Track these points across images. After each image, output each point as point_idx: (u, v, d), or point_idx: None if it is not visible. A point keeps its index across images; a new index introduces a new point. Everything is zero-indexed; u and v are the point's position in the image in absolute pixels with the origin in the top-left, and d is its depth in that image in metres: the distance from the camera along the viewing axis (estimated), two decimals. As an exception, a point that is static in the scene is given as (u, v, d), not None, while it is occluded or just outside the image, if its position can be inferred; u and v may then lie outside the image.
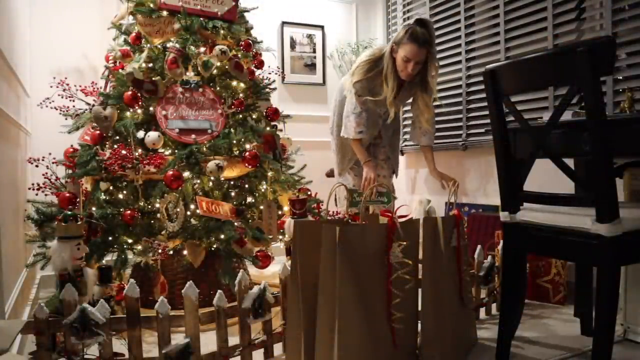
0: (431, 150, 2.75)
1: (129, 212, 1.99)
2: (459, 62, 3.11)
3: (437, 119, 2.96)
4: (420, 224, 1.60)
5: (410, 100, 2.75)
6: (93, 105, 2.16)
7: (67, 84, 2.25)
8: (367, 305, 1.40)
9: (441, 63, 3.14)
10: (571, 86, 1.37)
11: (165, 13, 2.31)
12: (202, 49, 2.30)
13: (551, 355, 1.70)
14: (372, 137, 2.77)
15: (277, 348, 1.73)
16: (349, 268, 1.37)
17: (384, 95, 2.48)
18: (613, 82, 2.22)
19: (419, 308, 1.60)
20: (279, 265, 1.84)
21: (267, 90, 2.56)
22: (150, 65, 2.24)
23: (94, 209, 2.00)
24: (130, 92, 2.12)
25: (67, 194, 1.95)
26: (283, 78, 3.49)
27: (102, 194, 2.05)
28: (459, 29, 3.12)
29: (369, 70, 2.52)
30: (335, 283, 1.36)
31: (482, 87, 2.80)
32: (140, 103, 2.16)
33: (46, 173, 2.09)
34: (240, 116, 2.36)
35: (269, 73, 2.72)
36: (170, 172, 2.00)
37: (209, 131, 2.22)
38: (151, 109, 2.20)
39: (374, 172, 2.59)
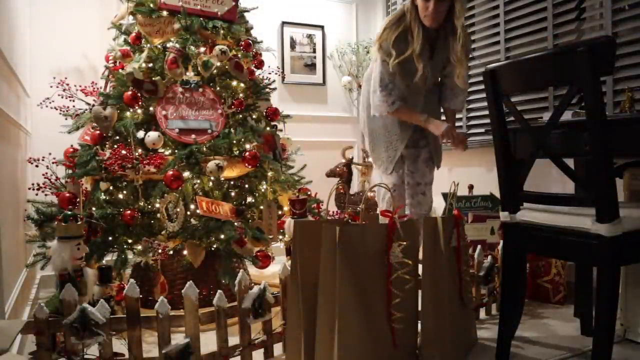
0: (454, 114, 2.39)
1: (129, 212, 1.99)
2: (459, 62, 3.11)
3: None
4: (421, 224, 1.60)
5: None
6: (93, 105, 2.16)
7: (67, 84, 2.25)
8: (367, 305, 1.40)
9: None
10: (571, 86, 1.37)
11: (165, 13, 2.30)
12: (202, 49, 2.30)
13: (551, 355, 1.70)
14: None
15: (277, 348, 1.73)
16: (349, 268, 1.37)
17: (411, 50, 2.08)
18: (613, 82, 2.22)
19: (419, 308, 1.60)
20: (279, 265, 1.84)
21: (267, 90, 2.56)
22: (150, 65, 2.24)
23: (94, 209, 2.00)
24: (130, 92, 2.12)
25: (67, 194, 1.95)
26: (283, 78, 3.49)
27: (102, 194, 2.05)
28: (459, 29, 3.11)
29: (395, 25, 2.11)
30: (335, 283, 1.36)
31: (482, 87, 2.80)
32: (140, 103, 2.16)
33: (46, 173, 2.09)
34: (240, 116, 2.35)
35: (269, 73, 2.72)
36: (170, 172, 2.00)
37: (209, 131, 2.22)
38: (151, 109, 2.20)
39: (443, 124, 2.17)
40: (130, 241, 2.05)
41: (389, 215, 1.48)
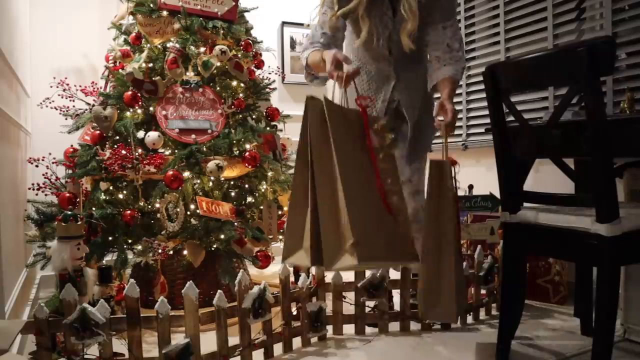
0: (450, 82, 1.73)
1: (129, 212, 1.99)
2: (459, 62, 3.11)
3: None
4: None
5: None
6: (93, 105, 2.16)
7: (67, 84, 2.25)
8: (362, 178, 1.35)
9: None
10: (571, 86, 1.37)
11: (165, 13, 2.31)
12: (202, 49, 2.30)
13: (551, 355, 1.70)
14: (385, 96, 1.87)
15: (277, 348, 1.73)
16: (339, 136, 1.32)
17: (357, 1, 1.65)
18: (613, 82, 2.22)
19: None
20: (279, 265, 1.84)
21: (267, 90, 2.56)
22: (150, 65, 2.25)
23: (94, 209, 2.00)
24: (130, 92, 2.12)
25: (67, 194, 1.95)
26: (283, 78, 3.49)
27: (102, 194, 2.05)
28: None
29: None
30: (330, 150, 1.29)
31: (482, 87, 2.80)
32: (140, 103, 2.16)
33: (46, 173, 2.09)
34: (240, 116, 2.36)
35: (269, 73, 2.72)
36: (170, 172, 2.00)
37: (209, 131, 2.22)
38: (151, 109, 2.20)
39: (339, 53, 1.53)
40: (130, 241, 2.06)
41: (360, 105, 1.42)
